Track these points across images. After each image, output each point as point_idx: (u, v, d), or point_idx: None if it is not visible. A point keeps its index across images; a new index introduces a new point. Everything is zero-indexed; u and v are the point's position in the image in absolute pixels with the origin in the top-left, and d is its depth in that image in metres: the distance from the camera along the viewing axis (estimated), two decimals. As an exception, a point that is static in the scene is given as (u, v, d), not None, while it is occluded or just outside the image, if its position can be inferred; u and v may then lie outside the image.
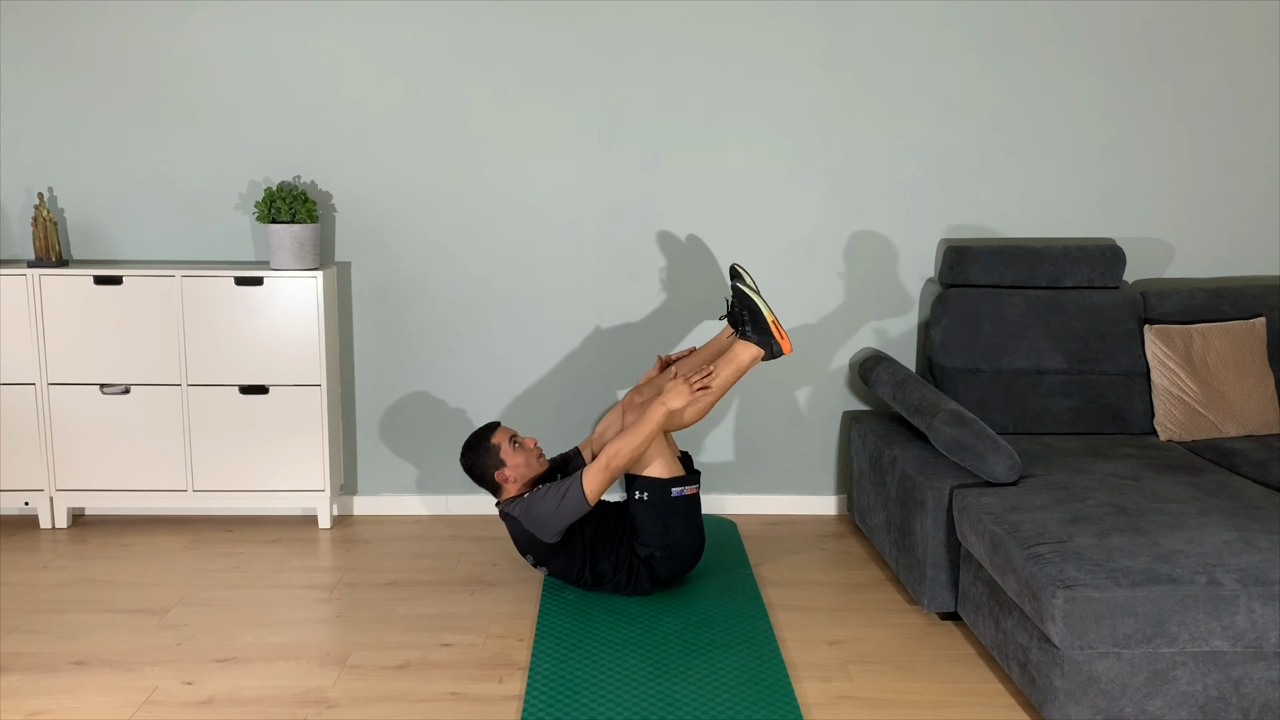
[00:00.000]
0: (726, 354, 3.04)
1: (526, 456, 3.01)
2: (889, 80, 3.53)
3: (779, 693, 2.49)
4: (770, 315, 2.99)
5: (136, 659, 2.67)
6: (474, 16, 3.47)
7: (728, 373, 3.00)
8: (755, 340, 3.00)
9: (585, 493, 2.85)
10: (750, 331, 3.01)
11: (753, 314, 3.00)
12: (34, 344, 3.42)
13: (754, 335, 3.00)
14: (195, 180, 3.57)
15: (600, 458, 2.87)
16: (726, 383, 3.01)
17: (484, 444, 3.01)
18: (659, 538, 2.97)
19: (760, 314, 2.99)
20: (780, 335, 2.99)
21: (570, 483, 2.87)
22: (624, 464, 2.88)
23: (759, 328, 2.99)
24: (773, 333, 2.98)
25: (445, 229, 3.60)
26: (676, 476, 2.98)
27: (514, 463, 2.98)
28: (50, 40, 3.47)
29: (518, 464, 2.99)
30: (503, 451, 2.99)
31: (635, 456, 2.89)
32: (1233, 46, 3.53)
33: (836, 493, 3.82)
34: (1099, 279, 3.47)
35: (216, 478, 3.51)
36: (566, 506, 2.85)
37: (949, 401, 2.97)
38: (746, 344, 3.01)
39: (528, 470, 3.00)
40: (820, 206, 3.61)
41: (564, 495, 2.86)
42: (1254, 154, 3.61)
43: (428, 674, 2.60)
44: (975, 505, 2.64)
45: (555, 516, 2.87)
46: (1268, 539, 2.36)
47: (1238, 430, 3.26)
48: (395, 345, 3.68)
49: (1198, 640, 2.20)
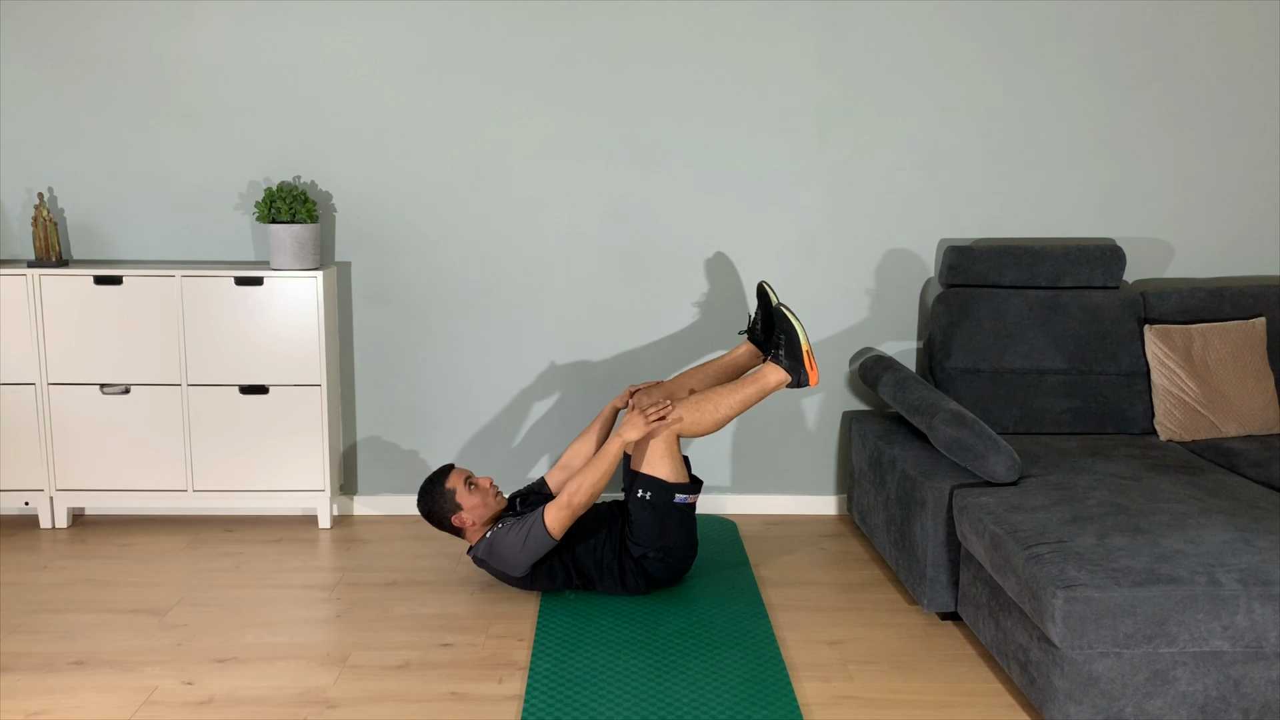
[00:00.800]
0: (753, 374, 3.02)
1: (483, 497, 3.00)
2: (889, 80, 3.53)
3: (779, 693, 2.49)
4: (806, 344, 2.98)
5: (136, 659, 2.67)
6: (474, 17, 3.47)
7: (751, 391, 2.98)
8: (786, 366, 2.99)
9: (548, 529, 2.86)
10: (783, 357, 2.99)
11: (790, 339, 2.99)
12: (34, 344, 3.42)
13: (785, 361, 2.99)
14: (195, 180, 3.57)
15: (562, 495, 2.88)
16: (749, 401, 2.99)
17: (438, 488, 3.01)
18: (655, 539, 2.97)
19: (797, 340, 2.97)
20: (811, 365, 2.97)
21: (533, 520, 2.89)
22: (585, 500, 2.88)
23: (793, 354, 2.98)
24: (805, 361, 2.97)
25: (445, 229, 3.60)
26: (682, 483, 2.98)
27: (470, 504, 2.98)
28: (50, 40, 3.47)
29: (474, 505, 2.99)
30: (458, 495, 2.99)
31: (596, 491, 2.89)
32: (1232, 46, 3.53)
33: (836, 493, 3.82)
34: (1099, 279, 3.47)
35: (216, 478, 3.51)
36: (531, 544, 2.88)
37: (949, 401, 2.97)
38: (776, 367, 3.00)
39: (485, 510, 3.01)
40: (820, 206, 3.61)
41: (528, 533, 2.88)
42: (1254, 154, 3.61)
43: (428, 674, 2.60)
44: (975, 505, 2.64)
45: (521, 554, 2.89)
46: (1268, 539, 2.36)
47: (1238, 430, 3.26)
48: (395, 345, 3.68)
49: (1198, 640, 2.20)
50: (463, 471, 3.04)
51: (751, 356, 3.25)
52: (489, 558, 2.95)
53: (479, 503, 2.99)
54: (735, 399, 2.98)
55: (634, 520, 2.98)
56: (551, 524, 2.86)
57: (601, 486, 2.89)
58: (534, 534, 2.87)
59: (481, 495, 3.00)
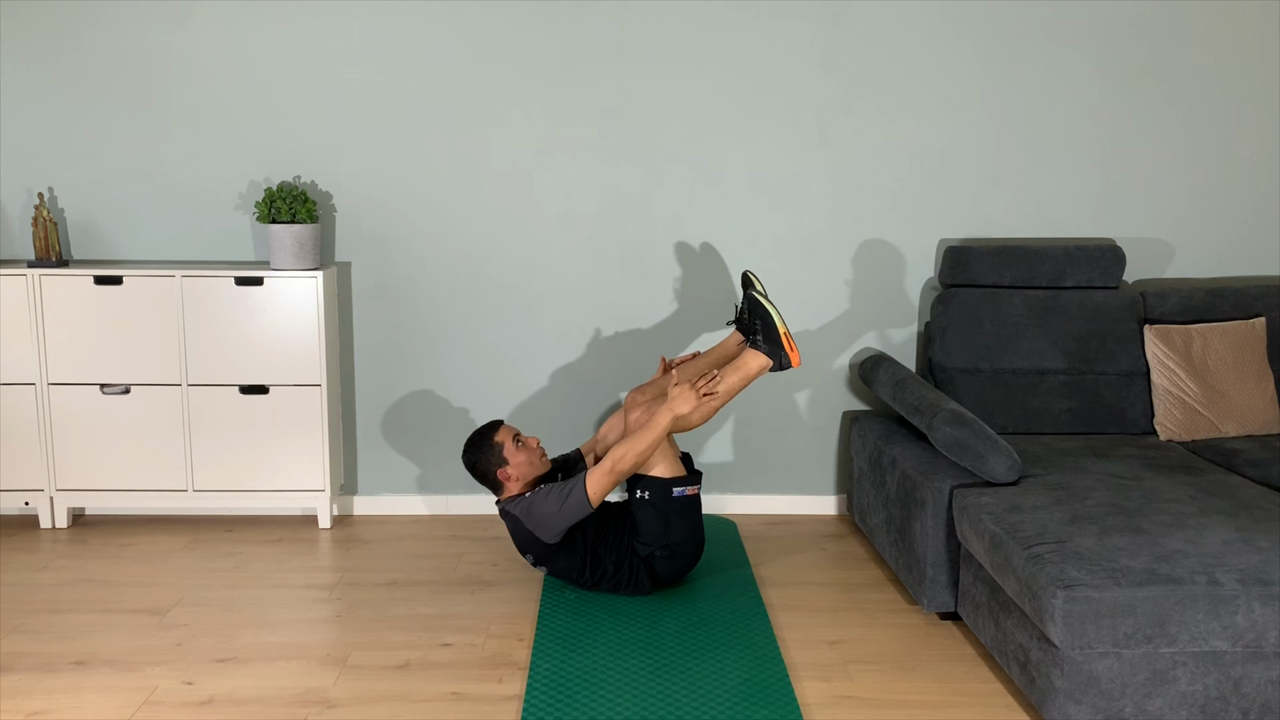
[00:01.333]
0: (735, 362, 3.04)
1: (529, 455, 3.01)
2: (889, 80, 3.53)
3: (779, 693, 2.49)
4: (783, 327, 2.99)
5: (136, 659, 2.67)
6: (474, 16, 3.47)
7: (734, 380, 3.00)
8: (765, 350, 3.00)
9: (589, 495, 2.85)
10: (761, 341, 3.01)
11: (765, 324, 3.00)
12: (34, 344, 3.42)
13: (764, 345, 3.01)
14: (195, 180, 3.57)
15: (605, 460, 2.87)
16: (733, 390, 3.01)
17: (487, 441, 3.01)
18: (660, 536, 2.97)
19: (773, 325, 2.99)
20: (790, 348, 2.99)
21: (573, 484, 2.87)
22: (629, 468, 2.88)
23: (770, 338, 3.00)
24: (783, 344, 2.98)
25: (445, 229, 3.60)
26: (678, 476, 2.98)
27: (516, 461, 2.99)
28: (50, 40, 3.47)
29: (520, 462, 2.99)
30: (506, 450, 2.99)
31: (641, 461, 2.89)
32: (1232, 46, 3.53)
33: (836, 493, 3.82)
34: (1099, 279, 3.47)
35: (216, 478, 3.51)
36: (569, 508, 2.86)
37: (949, 401, 2.97)
38: (756, 353, 3.01)
39: (530, 469, 3.00)
40: (820, 206, 3.61)
41: (566, 497, 2.86)
42: (1254, 154, 3.61)
43: (428, 674, 2.61)
44: (975, 505, 2.64)
45: (557, 517, 2.87)
46: (1268, 539, 2.36)
47: (1238, 430, 3.26)
48: (395, 345, 3.68)
49: (1197, 640, 2.20)
50: (511, 428, 3.05)
51: (741, 345, 3.26)
52: (525, 517, 2.93)
53: (525, 460, 3.00)
54: (720, 388, 2.99)
55: (639, 520, 2.98)
56: (593, 490, 2.85)
57: (646, 456, 2.89)
58: (573, 498, 2.86)
59: (528, 454, 3.01)
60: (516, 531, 2.98)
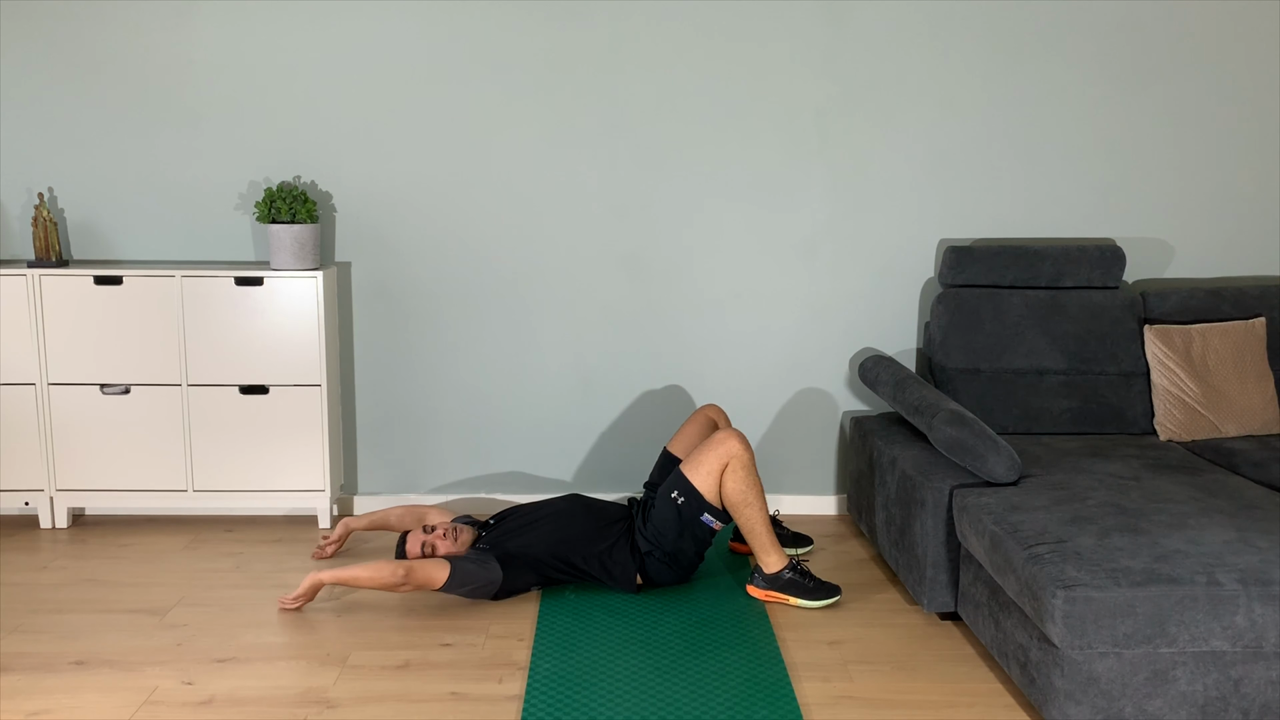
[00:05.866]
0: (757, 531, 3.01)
1: (444, 544, 3.04)
2: (889, 80, 3.53)
3: (779, 693, 2.49)
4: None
5: (136, 659, 2.67)
6: (474, 16, 3.47)
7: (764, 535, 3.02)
8: (790, 579, 3.02)
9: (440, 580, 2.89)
10: (795, 580, 3.03)
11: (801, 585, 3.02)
12: (34, 344, 3.42)
13: (792, 577, 3.03)
14: (195, 180, 3.57)
15: (399, 571, 2.86)
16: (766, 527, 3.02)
17: (400, 549, 3.09)
18: (667, 543, 2.97)
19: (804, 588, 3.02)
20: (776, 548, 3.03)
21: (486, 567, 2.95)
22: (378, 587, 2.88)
23: (802, 590, 3.02)
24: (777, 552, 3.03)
25: (445, 229, 3.60)
26: (715, 506, 2.98)
27: (444, 549, 3.04)
28: (50, 40, 3.47)
29: (446, 548, 3.04)
30: (408, 545, 3.05)
31: (374, 586, 2.87)
32: (1232, 47, 3.53)
33: (836, 493, 3.82)
34: (1099, 279, 3.47)
35: (216, 478, 3.51)
36: (469, 581, 2.93)
37: (949, 401, 2.97)
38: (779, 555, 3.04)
39: (457, 549, 3.06)
40: (820, 206, 3.61)
41: (480, 575, 2.94)
42: (1254, 154, 3.61)
43: (428, 674, 2.61)
44: (975, 505, 2.64)
45: (474, 587, 2.95)
46: (1268, 539, 2.36)
47: (1238, 430, 3.26)
48: (395, 345, 3.68)
49: (1197, 640, 2.20)
50: (416, 535, 3.06)
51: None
52: (461, 590, 2.96)
53: (447, 548, 3.04)
54: (758, 519, 2.98)
55: (655, 515, 2.98)
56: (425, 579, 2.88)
57: (375, 586, 2.85)
58: (482, 575, 2.94)
59: (445, 544, 3.03)
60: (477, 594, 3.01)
